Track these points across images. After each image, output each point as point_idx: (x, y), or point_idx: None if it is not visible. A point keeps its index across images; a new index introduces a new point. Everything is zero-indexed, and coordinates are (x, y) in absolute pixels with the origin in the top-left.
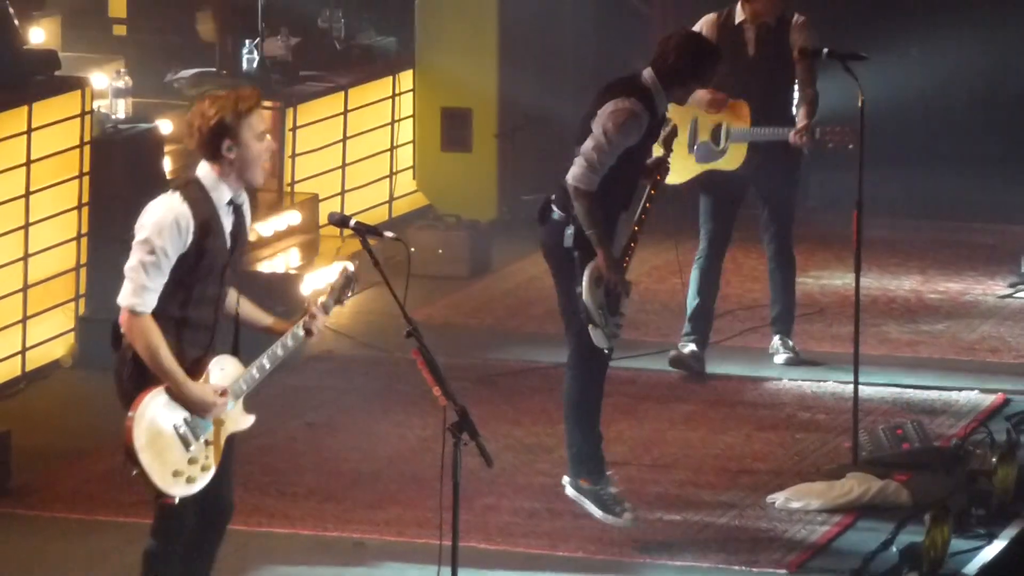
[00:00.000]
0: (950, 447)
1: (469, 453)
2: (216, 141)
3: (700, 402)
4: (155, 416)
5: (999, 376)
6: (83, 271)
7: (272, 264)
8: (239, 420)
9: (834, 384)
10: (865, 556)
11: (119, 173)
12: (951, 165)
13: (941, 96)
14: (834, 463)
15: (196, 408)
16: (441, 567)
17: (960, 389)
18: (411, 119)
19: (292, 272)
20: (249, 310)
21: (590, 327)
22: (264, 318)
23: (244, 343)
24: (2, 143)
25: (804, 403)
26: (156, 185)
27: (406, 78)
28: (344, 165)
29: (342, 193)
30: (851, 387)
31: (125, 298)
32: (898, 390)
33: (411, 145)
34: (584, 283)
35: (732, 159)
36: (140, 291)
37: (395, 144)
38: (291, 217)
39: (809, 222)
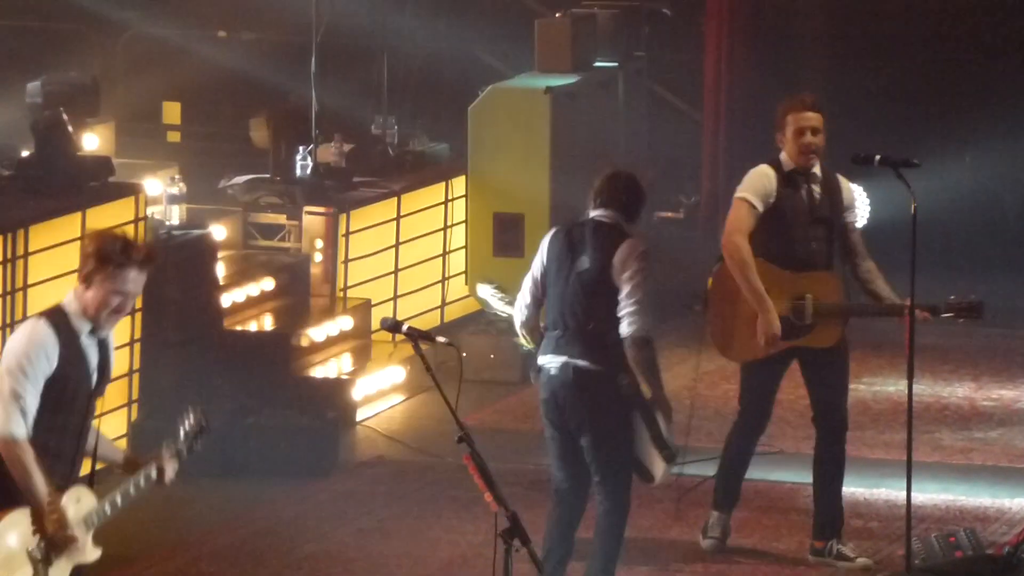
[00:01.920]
0: (1003, 555)
1: (520, 559)
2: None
3: (753, 509)
4: (14, 535)
5: None
6: (135, 377)
7: (325, 369)
8: (87, 552)
9: (887, 491)
10: None
11: (172, 279)
12: (1002, 271)
13: (993, 202)
14: (887, 571)
15: (55, 538)
16: None
17: (1013, 497)
18: (464, 224)
19: (344, 377)
20: (104, 445)
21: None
22: (117, 455)
23: None
24: (57, 249)
25: (857, 510)
26: (210, 290)
27: (459, 184)
28: (397, 270)
29: (395, 298)
30: (904, 494)
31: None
32: (951, 497)
33: (463, 250)
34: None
35: (824, 336)
36: (15, 416)
37: (448, 249)
38: (344, 322)
39: (862, 327)
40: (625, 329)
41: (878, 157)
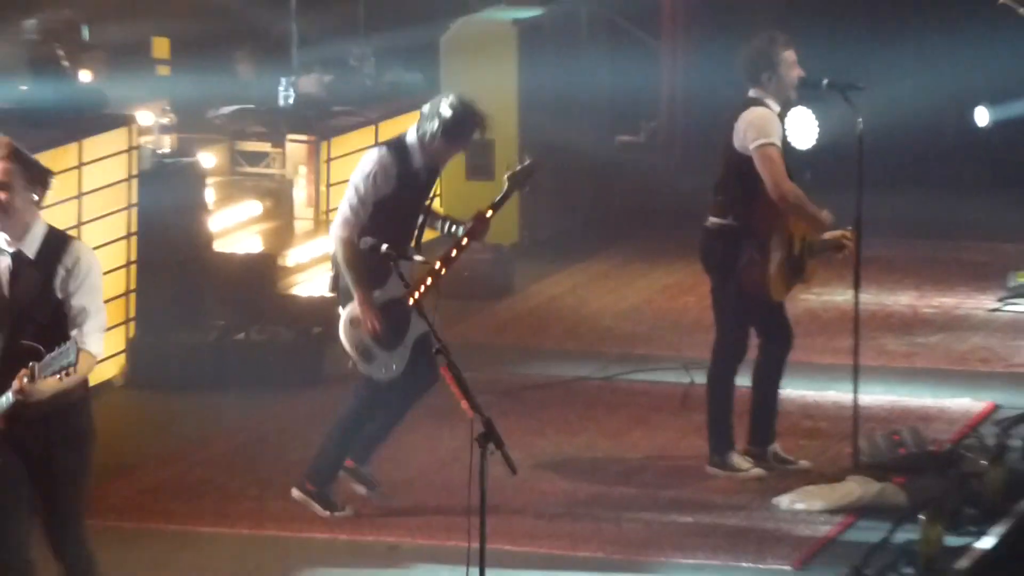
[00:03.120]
0: (944, 451)
1: (495, 462)
2: None
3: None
4: None
5: (989, 385)
6: (132, 297)
7: (309, 287)
8: None
9: (835, 394)
10: (865, 552)
11: (165, 204)
12: (943, 188)
13: (934, 124)
14: (836, 467)
15: None
16: (470, 568)
17: (953, 397)
18: None
19: (327, 295)
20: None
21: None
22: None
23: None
24: (58, 176)
25: (807, 412)
26: (200, 214)
27: None
28: None
29: None
30: (851, 396)
31: None
32: (895, 398)
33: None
34: (341, 324)
35: (813, 272)
36: None
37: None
38: (326, 243)
39: None
40: None
41: (826, 81)
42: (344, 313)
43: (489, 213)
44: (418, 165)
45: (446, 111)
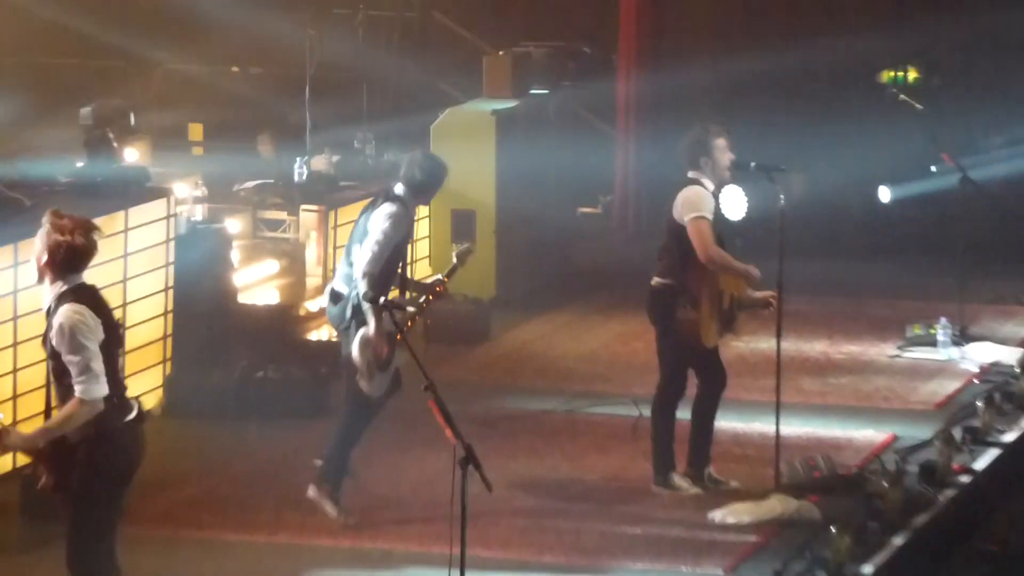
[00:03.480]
0: (852, 475)
1: (474, 481)
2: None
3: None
4: None
5: (890, 419)
6: (169, 340)
7: (318, 333)
8: None
9: (760, 425)
10: (785, 559)
11: (197, 263)
12: (851, 254)
13: (843, 200)
14: (761, 487)
15: None
16: (452, 570)
17: (859, 429)
18: (427, 218)
19: (334, 340)
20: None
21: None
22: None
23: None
24: (107, 239)
25: (737, 440)
26: (226, 271)
27: None
28: None
29: None
30: (774, 428)
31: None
32: (811, 430)
33: (427, 239)
34: (354, 345)
35: (742, 325)
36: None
37: (415, 239)
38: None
39: None
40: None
41: (753, 164)
42: (358, 337)
43: (445, 281)
44: (413, 216)
45: (425, 168)
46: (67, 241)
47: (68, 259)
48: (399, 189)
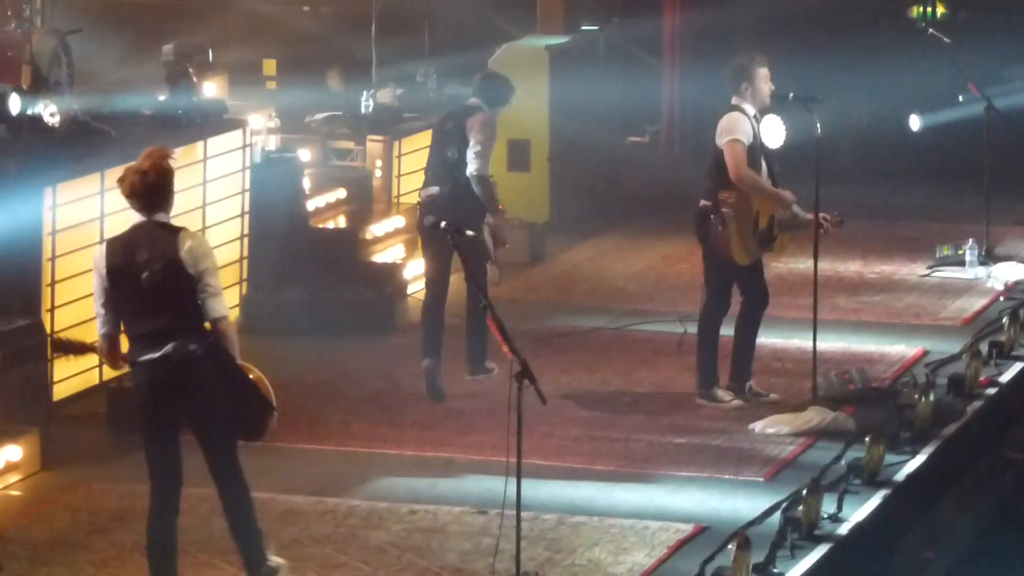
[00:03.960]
0: (885, 387)
1: (529, 394)
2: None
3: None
4: None
5: (920, 335)
6: (245, 263)
7: (384, 256)
8: None
9: (798, 341)
10: (822, 467)
11: (271, 190)
12: (883, 179)
13: (876, 128)
14: (799, 399)
15: None
16: (508, 478)
17: (891, 344)
18: None
19: (398, 262)
20: None
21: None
22: None
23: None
24: (186, 168)
25: (776, 355)
26: (299, 197)
27: None
28: None
29: None
30: (811, 344)
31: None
32: (846, 345)
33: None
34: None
35: (782, 245)
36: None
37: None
38: (397, 221)
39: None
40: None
41: (791, 94)
42: (485, 227)
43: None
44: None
45: (496, 83)
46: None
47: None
48: (477, 102)
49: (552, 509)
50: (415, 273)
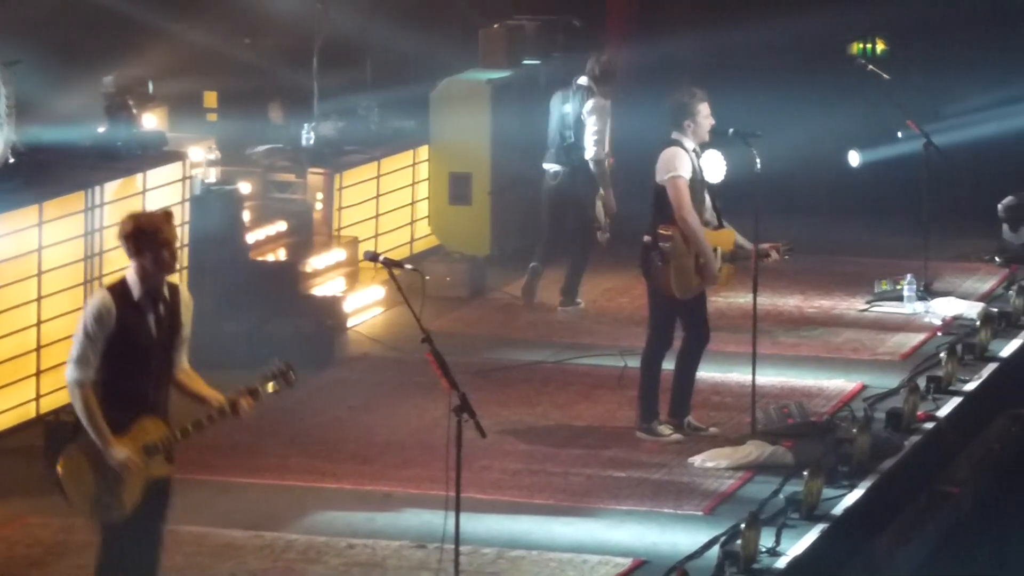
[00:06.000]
0: (823, 421)
1: (468, 428)
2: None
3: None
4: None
5: (859, 369)
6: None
7: (324, 289)
8: (153, 468)
9: (737, 375)
10: (760, 501)
11: (211, 222)
12: (822, 215)
13: (815, 164)
14: (738, 433)
15: (115, 464)
16: (448, 512)
17: (830, 379)
18: (427, 181)
19: (338, 295)
20: (196, 384)
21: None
22: (204, 392)
23: None
24: (126, 200)
25: (716, 389)
26: (238, 230)
27: (423, 151)
28: (377, 215)
29: (376, 236)
30: (750, 377)
31: (67, 371)
32: (784, 379)
33: (427, 200)
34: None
35: (726, 278)
36: (78, 364)
37: (415, 200)
38: (338, 254)
39: None
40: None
41: (731, 130)
42: (598, 200)
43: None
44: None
45: (602, 61)
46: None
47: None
48: (586, 81)
49: (491, 543)
50: (355, 306)
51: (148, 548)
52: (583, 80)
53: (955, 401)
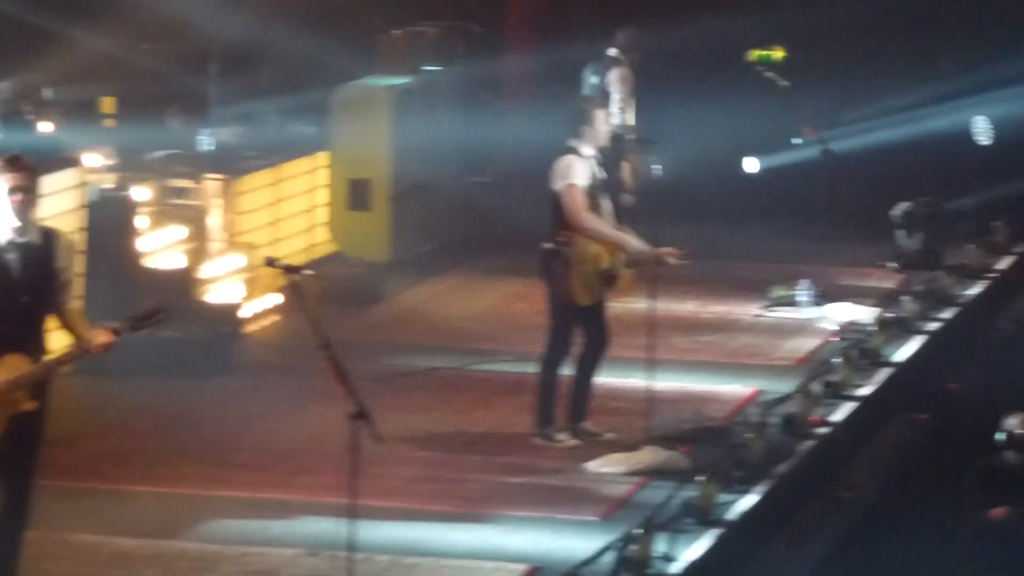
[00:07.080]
0: (719, 426)
1: (366, 434)
2: None
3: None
4: None
5: (754, 374)
6: (81, 301)
7: (220, 295)
8: (26, 403)
9: (634, 380)
10: (656, 507)
11: (107, 227)
12: (719, 220)
13: (713, 170)
14: (634, 438)
15: None
16: (344, 519)
17: (726, 384)
18: (326, 187)
19: (235, 301)
20: (76, 325)
21: None
22: (78, 332)
23: None
24: None
25: (612, 394)
26: (131, 235)
27: (323, 157)
28: (276, 221)
29: (274, 242)
30: (646, 383)
31: None
32: (681, 384)
33: (326, 206)
34: None
35: (627, 284)
36: None
37: (314, 206)
38: (236, 260)
39: None
40: None
41: (631, 137)
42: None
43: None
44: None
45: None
46: None
47: None
48: (615, 52)
49: (386, 550)
50: (252, 313)
51: (13, 479)
52: (612, 51)
53: (850, 406)
